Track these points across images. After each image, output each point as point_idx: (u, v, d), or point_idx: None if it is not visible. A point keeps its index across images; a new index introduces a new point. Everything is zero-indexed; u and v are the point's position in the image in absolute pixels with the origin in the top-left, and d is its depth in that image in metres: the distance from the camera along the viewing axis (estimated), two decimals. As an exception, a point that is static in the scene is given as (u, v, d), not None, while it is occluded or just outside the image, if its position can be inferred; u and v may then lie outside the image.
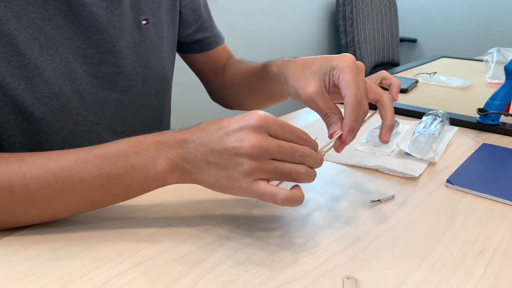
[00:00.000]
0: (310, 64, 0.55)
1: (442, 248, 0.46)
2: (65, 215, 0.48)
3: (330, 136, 0.50)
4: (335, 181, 0.61)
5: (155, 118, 0.73)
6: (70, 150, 0.47)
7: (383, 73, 0.63)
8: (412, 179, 0.62)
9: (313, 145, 0.46)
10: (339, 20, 2.44)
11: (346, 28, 2.39)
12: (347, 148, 0.71)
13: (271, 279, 0.41)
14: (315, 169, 0.46)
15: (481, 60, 1.40)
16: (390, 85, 0.62)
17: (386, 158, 0.68)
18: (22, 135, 0.57)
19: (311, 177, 0.45)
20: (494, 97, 0.83)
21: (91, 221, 0.49)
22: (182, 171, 0.46)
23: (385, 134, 0.53)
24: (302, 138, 0.45)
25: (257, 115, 0.43)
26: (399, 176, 0.63)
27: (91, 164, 0.45)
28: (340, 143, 0.50)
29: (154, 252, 0.44)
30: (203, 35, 0.80)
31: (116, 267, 0.42)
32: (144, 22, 0.66)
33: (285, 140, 0.44)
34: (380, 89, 0.56)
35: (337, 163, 0.67)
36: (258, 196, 0.43)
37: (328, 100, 0.52)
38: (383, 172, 0.64)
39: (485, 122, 0.83)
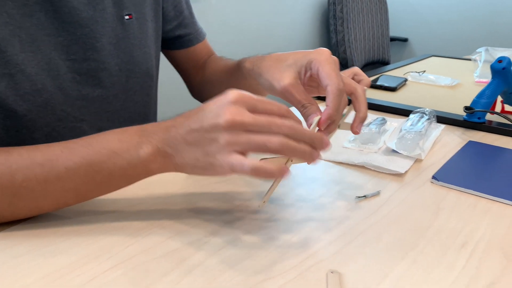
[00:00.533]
0: (285, 58, 0.56)
1: (425, 242, 0.47)
2: (51, 208, 0.48)
3: (309, 126, 0.51)
4: (322, 178, 0.62)
5: (140, 113, 0.73)
6: (58, 142, 0.48)
7: (356, 69, 0.64)
8: (398, 175, 0.63)
9: (295, 118, 0.45)
10: (329, 19, 2.46)
11: (336, 27, 2.41)
12: (334, 145, 0.72)
13: (256, 274, 0.41)
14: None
15: (470, 59, 1.42)
16: (360, 81, 0.62)
17: (373, 155, 0.69)
18: (5, 132, 0.57)
19: (291, 148, 0.42)
20: (480, 96, 0.84)
21: (77, 217, 0.49)
22: (164, 156, 0.46)
23: (357, 125, 0.54)
24: (282, 109, 0.44)
25: (234, 91, 0.44)
26: (385, 173, 0.64)
27: (76, 153, 0.46)
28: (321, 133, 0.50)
29: (141, 249, 0.44)
30: (184, 31, 0.81)
31: (103, 264, 0.42)
32: (127, 17, 0.66)
33: (265, 113, 0.43)
34: (354, 81, 0.56)
35: (324, 160, 0.68)
36: (230, 168, 0.42)
37: (304, 91, 0.53)
38: (370, 169, 0.65)
39: (471, 120, 0.84)
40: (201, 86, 0.84)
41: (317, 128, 0.50)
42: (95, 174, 0.46)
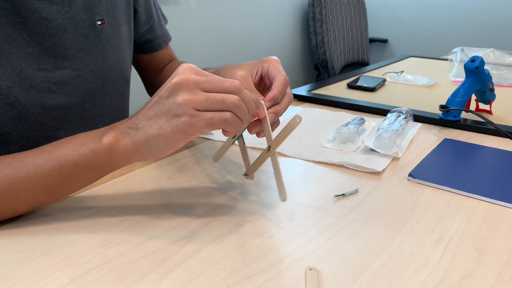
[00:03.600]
0: (244, 63, 0.60)
1: (401, 238, 0.48)
2: (26, 208, 0.48)
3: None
4: (302, 177, 0.63)
5: (118, 118, 0.73)
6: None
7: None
8: (376, 173, 0.64)
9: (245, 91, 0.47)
10: (309, 21, 2.48)
11: (316, 28, 2.43)
12: (314, 145, 0.73)
13: (236, 273, 0.42)
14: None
15: (447, 59, 1.45)
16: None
17: (351, 154, 0.70)
18: None
19: (243, 110, 0.46)
20: (455, 94, 0.86)
21: (53, 221, 0.49)
22: (126, 138, 0.47)
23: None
24: (231, 80, 0.47)
25: (185, 64, 0.46)
26: (364, 171, 0.65)
27: (46, 151, 0.47)
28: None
29: (120, 250, 0.44)
30: (154, 35, 0.82)
31: (82, 266, 0.42)
32: (99, 22, 0.66)
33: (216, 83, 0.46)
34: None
35: (304, 160, 0.69)
36: (207, 122, 0.44)
37: (252, 85, 0.56)
38: (349, 168, 0.66)
39: (447, 118, 0.86)
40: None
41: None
42: (62, 167, 0.46)
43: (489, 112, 0.95)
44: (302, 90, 1.08)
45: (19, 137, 0.58)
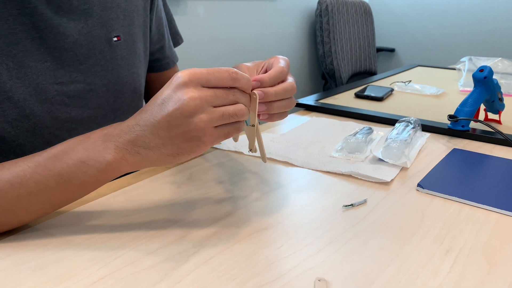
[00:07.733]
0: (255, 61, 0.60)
1: (410, 248, 0.48)
2: (32, 219, 0.48)
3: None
4: (310, 187, 0.63)
5: None
6: (24, 157, 0.48)
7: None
8: (384, 183, 0.64)
9: (245, 79, 0.47)
10: (316, 31, 2.49)
11: (323, 38, 2.44)
12: (322, 155, 0.73)
13: (245, 283, 0.42)
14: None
15: (455, 69, 1.45)
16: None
17: (360, 164, 0.70)
18: None
19: (247, 110, 0.48)
20: (463, 104, 0.86)
21: (65, 229, 0.49)
22: (136, 156, 0.46)
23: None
24: (235, 72, 0.46)
25: (182, 72, 0.45)
26: (372, 181, 0.65)
27: (43, 166, 0.46)
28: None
29: (129, 260, 0.45)
30: (163, 55, 0.82)
31: (92, 275, 0.42)
32: (115, 39, 0.67)
33: (218, 84, 0.45)
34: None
35: (312, 169, 0.69)
36: (225, 136, 0.46)
37: (254, 74, 0.56)
38: (357, 178, 0.66)
39: (455, 128, 0.86)
40: None
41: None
42: (67, 184, 0.46)
43: (498, 122, 0.94)
44: (310, 100, 1.08)
45: (33, 149, 0.59)
